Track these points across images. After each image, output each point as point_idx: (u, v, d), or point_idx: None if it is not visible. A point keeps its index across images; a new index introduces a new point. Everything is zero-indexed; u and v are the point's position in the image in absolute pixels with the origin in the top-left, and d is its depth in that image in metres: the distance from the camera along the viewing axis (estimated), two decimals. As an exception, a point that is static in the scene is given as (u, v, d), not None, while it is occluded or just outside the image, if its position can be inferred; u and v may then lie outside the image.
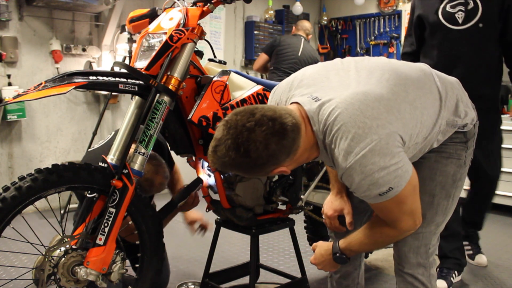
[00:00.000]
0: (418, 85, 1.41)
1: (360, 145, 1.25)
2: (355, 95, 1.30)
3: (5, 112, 3.79)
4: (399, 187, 1.29)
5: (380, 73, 1.38)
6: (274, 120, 1.23)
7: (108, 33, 4.32)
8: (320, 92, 1.35)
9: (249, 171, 1.30)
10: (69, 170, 1.59)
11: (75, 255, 1.59)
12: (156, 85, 1.66)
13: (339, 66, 1.47)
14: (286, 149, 1.26)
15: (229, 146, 1.23)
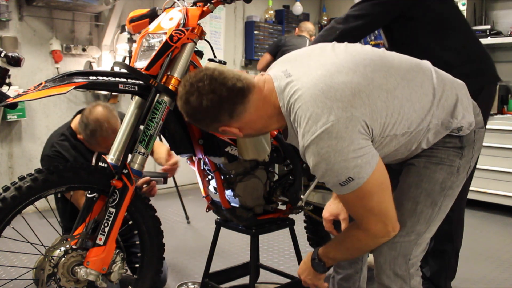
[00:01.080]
0: (405, 76, 1.37)
1: (317, 124, 1.23)
2: (322, 76, 1.29)
3: (5, 112, 3.79)
4: (361, 179, 1.24)
5: (360, 58, 1.36)
6: (212, 79, 1.33)
7: (108, 33, 4.32)
8: (295, 69, 1.36)
9: (200, 123, 1.44)
10: (69, 170, 1.59)
11: (75, 255, 1.59)
12: (156, 85, 1.66)
13: (329, 47, 1.45)
14: (224, 108, 1.34)
15: (180, 96, 1.39)
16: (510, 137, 3.91)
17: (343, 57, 1.37)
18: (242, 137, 1.41)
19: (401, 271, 1.44)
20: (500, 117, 4.12)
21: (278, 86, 1.35)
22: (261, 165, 2.10)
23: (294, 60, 1.42)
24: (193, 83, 1.35)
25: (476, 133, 1.47)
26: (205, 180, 2.07)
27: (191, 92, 1.35)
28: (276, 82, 1.36)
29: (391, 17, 2.06)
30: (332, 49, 1.43)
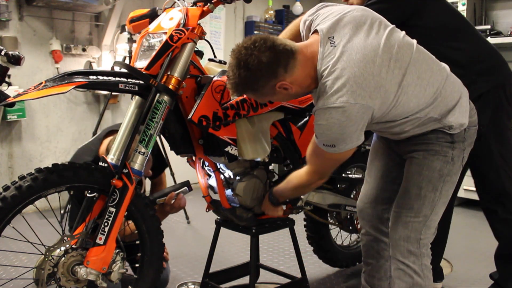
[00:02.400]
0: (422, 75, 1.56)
1: (338, 99, 1.44)
2: (359, 61, 1.46)
3: (5, 112, 3.79)
4: (339, 150, 1.52)
5: (395, 52, 1.52)
6: (266, 40, 1.48)
7: (108, 33, 4.32)
8: (342, 41, 1.51)
9: (255, 86, 1.52)
10: (69, 169, 1.59)
11: (75, 255, 1.59)
12: (156, 84, 1.67)
13: (375, 26, 1.57)
14: (281, 63, 1.48)
15: (234, 66, 1.50)
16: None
17: (382, 45, 1.51)
18: (293, 93, 1.56)
19: (414, 248, 1.67)
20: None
21: (322, 52, 1.51)
22: (261, 165, 2.10)
23: (344, 27, 1.54)
24: (248, 46, 1.48)
25: (467, 131, 1.68)
26: (205, 180, 2.07)
27: (248, 54, 1.47)
28: (321, 48, 1.51)
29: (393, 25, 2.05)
30: (377, 31, 1.55)
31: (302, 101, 2.16)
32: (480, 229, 3.66)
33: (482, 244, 3.23)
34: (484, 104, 2.00)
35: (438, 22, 2.05)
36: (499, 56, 2.10)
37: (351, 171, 2.75)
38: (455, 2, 4.43)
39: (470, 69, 2.01)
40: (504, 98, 2.04)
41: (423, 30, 2.04)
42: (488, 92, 2.01)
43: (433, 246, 2.19)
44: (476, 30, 2.14)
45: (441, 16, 2.06)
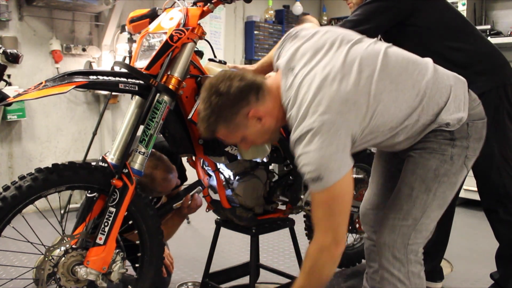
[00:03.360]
0: (396, 78, 1.46)
1: (307, 123, 1.36)
2: (320, 82, 1.38)
3: (5, 112, 3.79)
4: (328, 182, 1.35)
5: (358, 63, 1.43)
6: (236, 72, 1.49)
7: (108, 33, 4.32)
8: (301, 67, 1.45)
9: (228, 115, 1.45)
10: (69, 169, 1.59)
11: (75, 255, 1.59)
12: (156, 84, 1.66)
13: (336, 44, 1.50)
14: (252, 90, 1.45)
15: (204, 97, 1.47)
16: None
17: (341, 63, 1.43)
18: (267, 126, 1.50)
19: (400, 254, 1.54)
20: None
21: (284, 84, 1.47)
22: (261, 165, 2.10)
23: (302, 56, 1.49)
24: (219, 77, 1.48)
25: (470, 126, 1.54)
26: (206, 180, 2.07)
27: (219, 82, 1.46)
28: (283, 80, 1.48)
29: (391, 24, 2.05)
30: (337, 49, 1.48)
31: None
32: (480, 229, 3.66)
33: (482, 244, 3.23)
34: (485, 104, 1.99)
35: (438, 22, 2.05)
36: (500, 56, 2.10)
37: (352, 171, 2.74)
38: (455, 2, 4.43)
39: (470, 69, 2.01)
40: (505, 98, 2.03)
41: (422, 30, 2.04)
42: (489, 92, 2.00)
43: (433, 246, 2.20)
44: (477, 30, 2.13)
45: (441, 16, 2.06)
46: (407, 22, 2.03)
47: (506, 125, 2.05)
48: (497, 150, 2.02)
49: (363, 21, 2.00)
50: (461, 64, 2.01)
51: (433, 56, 2.04)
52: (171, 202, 2.08)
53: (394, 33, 2.10)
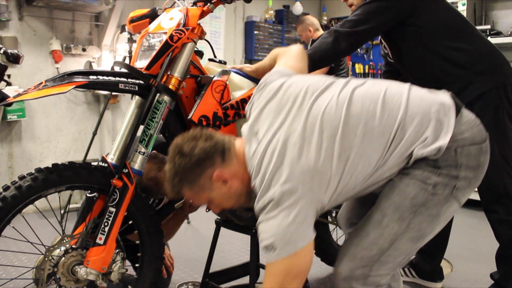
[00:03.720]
0: (364, 129, 1.35)
1: (267, 196, 1.30)
2: (279, 151, 1.32)
3: (5, 112, 3.79)
4: (281, 254, 1.27)
5: (319, 122, 1.35)
6: (204, 131, 1.46)
7: (108, 33, 4.32)
8: (264, 132, 1.40)
9: (191, 176, 1.41)
10: (69, 169, 1.59)
11: (75, 255, 1.59)
12: (156, 84, 1.67)
13: (298, 102, 1.42)
14: (218, 151, 1.41)
15: (170, 157, 1.44)
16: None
17: (302, 125, 1.35)
18: (234, 189, 1.44)
19: (358, 285, 1.38)
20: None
21: (248, 151, 1.41)
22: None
23: (266, 118, 1.44)
24: (184, 137, 1.45)
25: (459, 152, 1.36)
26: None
27: (184, 142, 1.42)
28: (247, 147, 1.42)
29: (391, 24, 2.05)
30: (299, 107, 1.40)
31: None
32: (480, 229, 3.66)
33: (482, 244, 3.23)
34: (484, 104, 2.00)
35: (438, 22, 2.04)
36: (500, 56, 2.09)
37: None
38: (455, 2, 4.43)
39: (470, 69, 2.01)
40: (505, 98, 2.03)
41: (422, 30, 2.03)
42: (489, 92, 2.00)
43: (434, 246, 2.19)
44: (477, 30, 2.13)
45: (441, 16, 2.05)
46: (407, 22, 2.03)
47: (506, 125, 2.04)
48: (497, 150, 2.02)
49: (363, 21, 2.00)
50: (461, 64, 2.01)
51: (433, 56, 2.04)
52: (172, 202, 2.08)
53: (394, 33, 2.10)
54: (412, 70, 2.17)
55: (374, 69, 5.74)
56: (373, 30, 2.06)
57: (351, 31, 2.01)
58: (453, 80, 2.03)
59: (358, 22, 2.01)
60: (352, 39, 2.03)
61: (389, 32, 2.11)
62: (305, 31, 4.50)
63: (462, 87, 2.01)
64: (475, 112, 1.99)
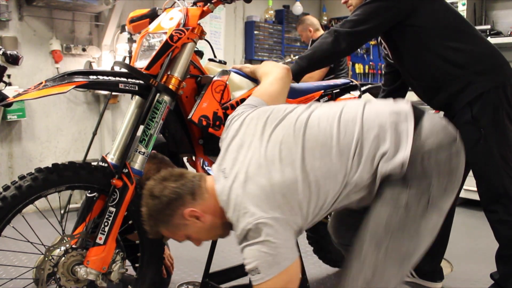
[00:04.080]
0: (322, 150, 1.37)
1: (241, 226, 1.33)
2: (244, 180, 1.36)
3: (5, 112, 3.79)
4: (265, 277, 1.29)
5: (278, 150, 1.39)
6: (174, 171, 1.49)
7: (108, 33, 4.32)
8: (230, 168, 1.43)
9: (164, 217, 1.44)
10: (69, 169, 1.59)
11: (75, 255, 1.59)
12: (157, 84, 1.67)
13: (258, 133, 1.46)
14: (187, 189, 1.43)
15: (142, 199, 1.48)
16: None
17: (264, 151, 1.39)
18: (208, 224, 1.46)
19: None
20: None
21: (217, 188, 1.43)
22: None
23: (231, 153, 1.47)
24: (155, 178, 1.47)
25: (426, 160, 1.33)
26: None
27: (155, 184, 1.45)
28: (217, 183, 1.45)
29: (390, 24, 2.05)
30: (261, 135, 1.45)
31: (302, 101, 2.16)
32: (480, 229, 3.66)
33: (482, 244, 3.23)
34: (484, 105, 2.00)
35: (438, 22, 2.05)
36: (500, 56, 2.09)
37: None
38: (455, 2, 4.43)
39: (469, 69, 2.01)
40: (505, 99, 2.03)
41: (422, 30, 2.04)
42: (488, 92, 2.00)
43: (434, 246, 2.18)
44: (476, 31, 2.13)
45: (441, 16, 2.05)
46: (407, 22, 2.03)
47: (505, 125, 2.04)
48: (496, 151, 2.02)
49: (363, 21, 2.01)
50: (460, 64, 2.01)
51: (433, 56, 2.03)
52: None
53: (394, 34, 2.11)
54: (411, 71, 2.17)
55: (374, 69, 5.74)
56: (373, 30, 2.06)
57: (351, 31, 2.01)
58: (453, 80, 2.03)
59: (358, 22, 2.01)
60: (352, 39, 2.04)
61: (389, 32, 2.11)
62: (305, 31, 4.50)
63: (461, 87, 2.01)
64: (474, 113, 2.00)
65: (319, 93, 2.26)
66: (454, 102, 2.05)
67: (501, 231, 2.11)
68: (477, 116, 2.00)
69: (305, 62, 2.07)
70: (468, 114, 2.01)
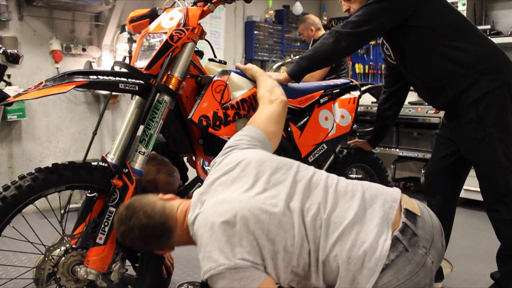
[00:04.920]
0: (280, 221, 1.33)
1: (205, 269, 1.29)
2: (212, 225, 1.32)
3: (5, 112, 3.79)
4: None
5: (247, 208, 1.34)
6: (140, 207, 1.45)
7: (108, 33, 4.32)
8: (207, 202, 1.41)
9: (137, 242, 1.45)
10: (69, 169, 1.59)
11: (75, 255, 1.59)
12: (157, 84, 1.67)
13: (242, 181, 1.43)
14: (157, 230, 1.42)
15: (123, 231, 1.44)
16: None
17: (240, 213, 1.33)
18: (181, 243, 1.49)
19: None
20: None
21: (190, 217, 1.42)
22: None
23: (215, 189, 1.45)
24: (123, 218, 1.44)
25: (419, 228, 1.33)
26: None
27: (128, 218, 1.43)
28: (191, 212, 1.43)
29: (392, 24, 2.05)
30: (253, 185, 1.41)
31: (302, 101, 2.17)
32: (480, 229, 3.66)
33: (483, 244, 3.23)
34: (489, 104, 1.99)
35: (440, 23, 2.04)
36: (503, 55, 2.09)
37: (351, 171, 2.75)
38: (455, 2, 4.43)
39: (473, 68, 2.00)
40: (509, 97, 2.03)
41: (424, 31, 2.03)
42: (493, 91, 2.00)
43: None
44: (479, 30, 2.13)
45: (443, 17, 2.05)
46: (409, 23, 2.03)
47: (509, 124, 2.04)
48: (501, 150, 2.01)
49: (364, 22, 2.01)
50: (464, 64, 2.01)
51: (436, 56, 2.03)
52: None
53: (396, 35, 2.10)
54: (415, 71, 2.17)
55: (374, 69, 5.73)
56: (375, 31, 2.06)
57: (352, 31, 2.01)
58: (457, 80, 2.02)
59: (360, 23, 2.01)
60: (353, 40, 2.04)
61: (392, 33, 2.11)
62: (306, 30, 4.49)
63: (466, 87, 2.01)
64: (479, 112, 2.00)
65: (319, 93, 2.26)
66: (458, 102, 2.05)
67: (503, 231, 2.11)
68: (482, 115, 2.00)
69: (306, 62, 2.07)
70: (473, 113, 2.01)
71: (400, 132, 4.56)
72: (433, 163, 2.39)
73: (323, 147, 2.25)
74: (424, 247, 1.32)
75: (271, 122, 1.72)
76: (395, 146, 4.59)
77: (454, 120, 2.11)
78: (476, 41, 2.06)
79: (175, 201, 1.51)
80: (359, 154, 2.65)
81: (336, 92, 2.36)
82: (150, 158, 1.95)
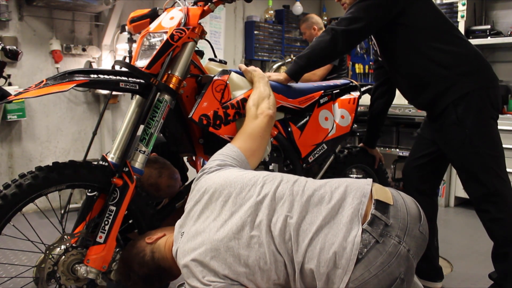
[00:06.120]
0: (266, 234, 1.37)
1: None
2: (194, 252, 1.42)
3: (5, 112, 3.79)
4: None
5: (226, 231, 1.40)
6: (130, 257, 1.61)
7: (108, 33, 4.32)
8: (186, 233, 1.49)
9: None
10: (70, 168, 1.59)
11: (75, 253, 1.59)
12: (157, 83, 1.67)
13: (218, 206, 1.47)
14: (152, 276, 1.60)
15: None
16: (510, 137, 3.91)
17: (214, 234, 1.41)
18: None
19: None
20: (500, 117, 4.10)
21: (174, 251, 1.51)
22: (261, 165, 2.10)
23: (190, 219, 1.52)
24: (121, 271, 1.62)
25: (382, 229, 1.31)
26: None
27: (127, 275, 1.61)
28: (174, 245, 1.52)
29: (383, 21, 2.06)
30: (220, 212, 1.45)
31: (302, 101, 2.17)
32: (480, 229, 3.62)
33: (482, 244, 3.23)
34: (468, 106, 2.03)
35: (425, 23, 2.07)
36: (484, 60, 2.13)
37: (351, 171, 2.75)
38: (455, 2, 4.44)
39: (453, 70, 2.04)
40: (488, 101, 2.06)
41: (411, 30, 2.07)
42: (472, 93, 2.03)
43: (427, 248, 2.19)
44: (460, 33, 2.17)
45: (428, 17, 2.08)
46: (397, 21, 2.06)
47: (490, 125, 2.08)
48: (483, 150, 2.04)
49: (357, 19, 2.03)
50: (445, 65, 2.05)
51: (419, 56, 2.08)
52: (173, 202, 2.08)
53: (384, 32, 2.13)
54: (399, 69, 2.20)
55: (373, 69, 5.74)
56: (367, 28, 2.08)
57: (347, 29, 2.03)
58: (438, 80, 2.06)
59: (353, 20, 2.03)
60: (349, 37, 2.06)
61: (380, 32, 2.14)
62: (309, 29, 4.49)
63: (446, 87, 2.05)
64: (459, 114, 2.02)
65: (319, 93, 2.27)
66: (438, 101, 2.08)
67: (494, 230, 2.12)
68: (462, 117, 2.03)
69: (304, 61, 2.07)
70: (454, 115, 2.05)
71: (400, 132, 4.56)
72: (409, 161, 2.44)
73: (323, 147, 2.25)
74: (397, 236, 1.31)
75: (252, 139, 1.76)
76: (395, 146, 4.60)
77: (437, 120, 2.13)
78: (458, 44, 2.09)
79: (161, 239, 1.61)
80: (359, 154, 2.66)
81: (336, 92, 2.37)
82: (151, 161, 1.95)
